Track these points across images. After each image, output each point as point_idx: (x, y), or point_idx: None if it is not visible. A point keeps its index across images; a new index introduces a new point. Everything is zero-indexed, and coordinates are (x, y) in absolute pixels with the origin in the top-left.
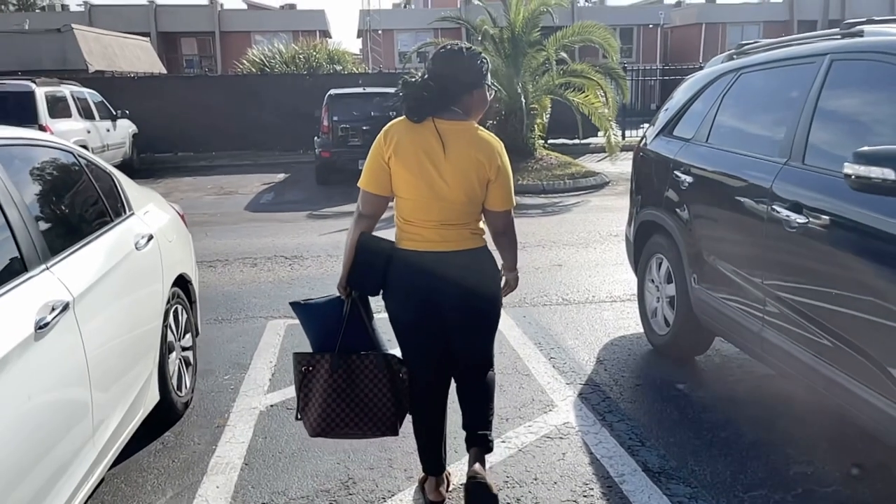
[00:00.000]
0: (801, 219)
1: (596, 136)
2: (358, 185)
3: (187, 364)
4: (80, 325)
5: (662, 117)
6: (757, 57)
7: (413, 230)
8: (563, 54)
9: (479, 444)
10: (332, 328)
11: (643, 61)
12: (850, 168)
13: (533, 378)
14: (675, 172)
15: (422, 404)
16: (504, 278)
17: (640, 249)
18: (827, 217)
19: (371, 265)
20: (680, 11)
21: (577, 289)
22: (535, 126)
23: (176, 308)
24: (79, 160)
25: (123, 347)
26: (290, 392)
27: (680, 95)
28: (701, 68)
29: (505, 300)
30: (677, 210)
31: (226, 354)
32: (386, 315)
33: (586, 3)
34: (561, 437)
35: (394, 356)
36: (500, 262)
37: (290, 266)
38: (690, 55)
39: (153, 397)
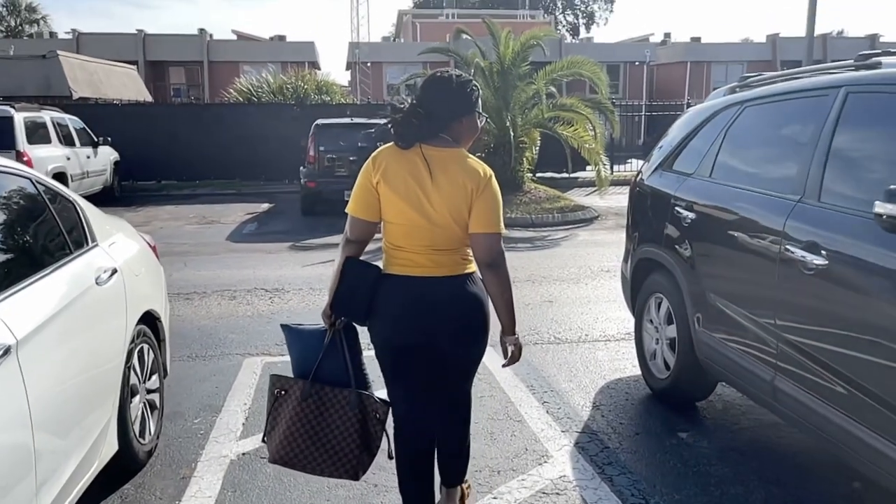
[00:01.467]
0: (819, 260)
1: (584, 169)
2: (346, 210)
3: (153, 408)
4: (23, 370)
5: (660, 151)
6: (762, 90)
7: (402, 255)
8: (553, 88)
9: (455, 483)
10: (313, 358)
11: (629, 97)
12: (881, 208)
13: (526, 424)
14: (676, 208)
15: (408, 452)
16: (507, 352)
17: (638, 288)
18: (851, 259)
19: (357, 289)
20: (666, 49)
21: (570, 327)
22: (524, 159)
23: (141, 347)
24: (37, 187)
25: (76, 394)
26: None
27: (679, 129)
28: (689, 104)
29: (495, 338)
30: (678, 248)
31: (197, 395)
32: (373, 352)
33: (573, 40)
34: (558, 493)
35: (371, 396)
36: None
37: (271, 299)
38: (676, 92)
39: (111, 447)
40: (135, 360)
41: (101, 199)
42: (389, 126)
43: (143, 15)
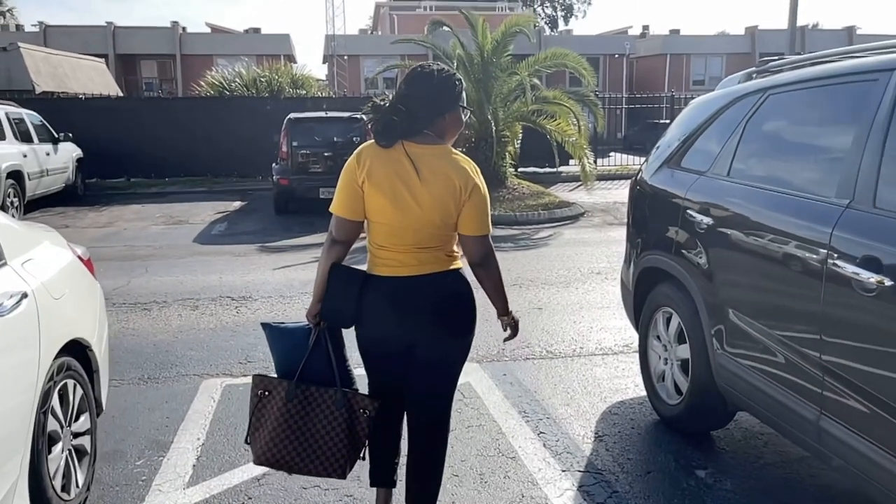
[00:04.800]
0: (883, 279)
1: (567, 164)
2: (330, 209)
3: (81, 454)
4: None
5: (665, 146)
6: (789, 75)
7: (387, 255)
8: (536, 80)
9: None
10: (297, 357)
11: (609, 90)
12: None
13: (520, 462)
14: (688, 212)
15: (381, 428)
16: (506, 330)
17: (642, 300)
18: None
19: (344, 297)
20: (645, 42)
21: (563, 338)
22: (507, 154)
23: (65, 384)
24: None
25: None
26: (216, 486)
27: (686, 121)
28: (672, 97)
29: (482, 352)
30: (691, 256)
31: (144, 428)
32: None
33: (553, 33)
34: None
35: (357, 393)
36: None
37: (237, 309)
38: (656, 85)
39: None
40: (54, 402)
41: (64, 198)
42: (370, 125)
43: (116, 8)
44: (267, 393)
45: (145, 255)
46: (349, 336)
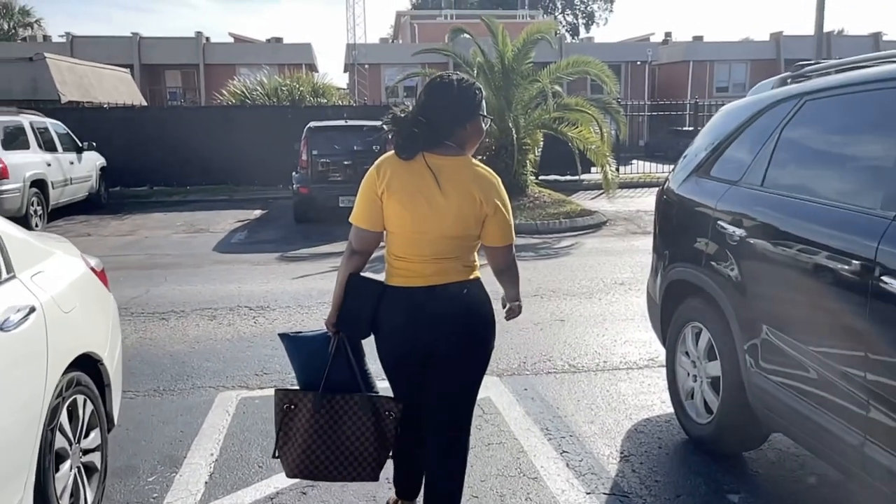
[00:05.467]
0: None
1: (589, 171)
2: (350, 220)
3: (91, 471)
4: None
5: (694, 154)
6: (828, 80)
7: (404, 266)
8: (558, 87)
9: None
10: (317, 365)
11: (631, 97)
12: None
13: (543, 484)
14: (720, 223)
15: (405, 439)
16: (508, 306)
17: (670, 314)
18: None
19: (360, 308)
20: (667, 49)
21: (586, 351)
22: (527, 161)
23: (74, 400)
24: None
25: None
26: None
27: (716, 128)
28: (696, 104)
29: (502, 365)
30: (723, 269)
31: (157, 442)
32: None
33: (574, 40)
34: None
35: (381, 397)
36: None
37: (254, 319)
38: (678, 92)
39: None
40: (63, 419)
41: (88, 206)
42: (391, 136)
43: (142, 19)
44: (293, 406)
45: (165, 263)
46: (370, 347)
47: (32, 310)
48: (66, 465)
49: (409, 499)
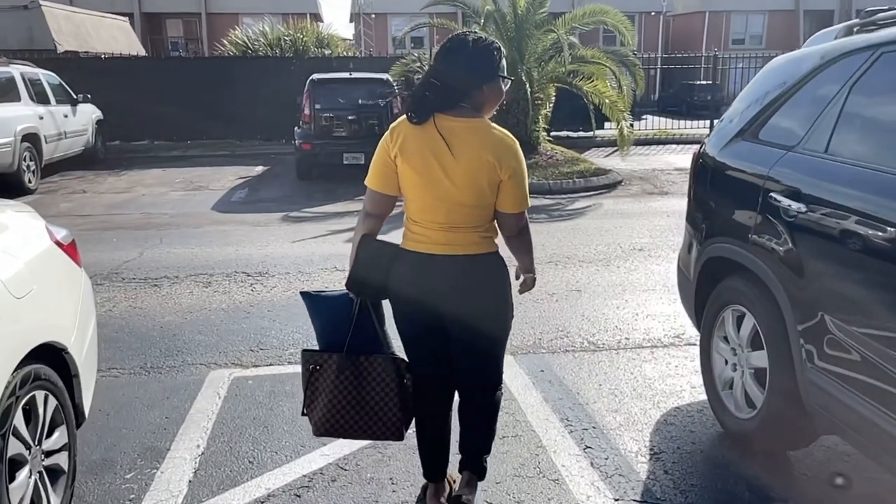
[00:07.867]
0: None
1: (603, 127)
2: (365, 182)
3: (56, 474)
4: None
5: (738, 114)
6: None
7: (419, 231)
8: (573, 38)
9: (473, 470)
10: (340, 325)
11: (644, 49)
12: None
13: (565, 487)
14: (772, 195)
15: (424, 413)
16: (522, 279)
17: (706, 294)
18: None
19: (372, 271)
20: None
21: (605, 326)
22: (540, 117)
23: (32, 397)
24: None
25: None
26: None
27: (764, 85)
28: (715, 57)
29: (516, 342)
30: (775, 247)
31: (140, 431)
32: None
33: None
34: None
35: (402, 359)
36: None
37: (251, 287)
38: (693, 44)
39: None
40: (17, 421)
41: (84, 161)
42: (402, 97)
43: None
44: (318, 367)
45: (161, 223)
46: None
47: None
48: (23, 473)
49: (435, 481)
